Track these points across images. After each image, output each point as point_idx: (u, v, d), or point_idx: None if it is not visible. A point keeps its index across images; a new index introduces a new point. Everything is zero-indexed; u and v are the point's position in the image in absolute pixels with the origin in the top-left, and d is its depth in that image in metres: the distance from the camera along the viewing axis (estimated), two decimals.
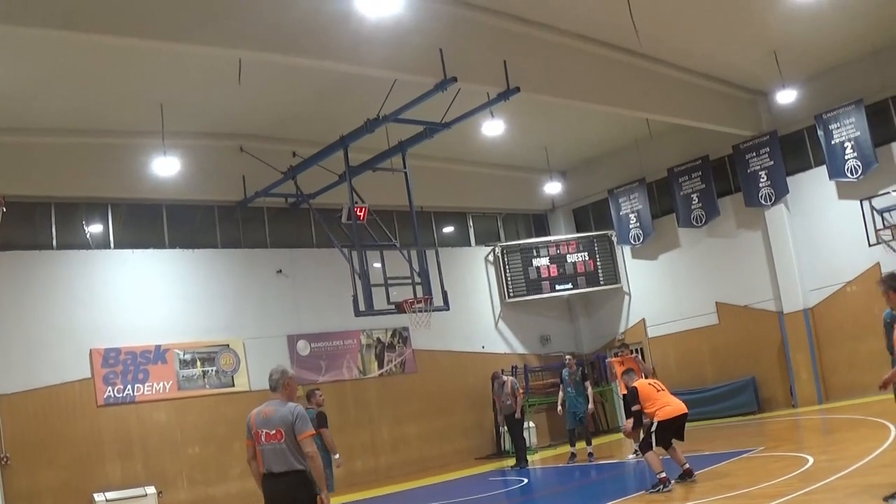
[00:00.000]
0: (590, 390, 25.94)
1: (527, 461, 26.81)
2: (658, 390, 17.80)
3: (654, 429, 17.28)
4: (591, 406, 25.86)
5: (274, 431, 10.02)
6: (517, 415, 26.72)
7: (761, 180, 29.97)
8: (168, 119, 23.52)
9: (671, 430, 17.41)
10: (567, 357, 26.99)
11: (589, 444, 25.51)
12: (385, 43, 19.61)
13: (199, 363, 26.27)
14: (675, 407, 17.56)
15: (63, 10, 15.72)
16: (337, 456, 18.14)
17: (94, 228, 25.91)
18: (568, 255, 34.61)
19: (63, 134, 24.32)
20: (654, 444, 17.21)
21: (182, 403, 25.74)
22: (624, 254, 35.20)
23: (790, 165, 29.86)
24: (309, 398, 18.72)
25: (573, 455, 25.49)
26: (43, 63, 19.98)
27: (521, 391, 27.30)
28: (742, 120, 29.86)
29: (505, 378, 27.42)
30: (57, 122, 23.74)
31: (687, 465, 17.29)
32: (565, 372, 26.32)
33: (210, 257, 27.51)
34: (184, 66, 21.42)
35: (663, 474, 16.68)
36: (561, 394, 26.33)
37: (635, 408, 17.82)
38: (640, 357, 28.58)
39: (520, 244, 34.96)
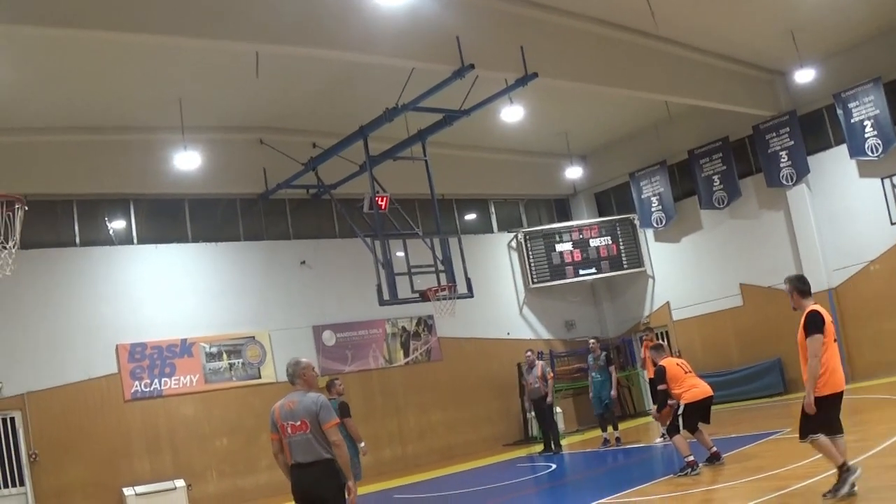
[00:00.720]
0: (613, 375, 25.92)
1: (560, 446, 26.67)
2: (685, 372, 17.78)
3: (680, 412, 17.28)
4: (613, 392, 25.79)
5: (299, 423, 10.09)
6: (549, 399, 26.56)
7: (782, 160, 29.84)
8: (187, 114, 23.59)
9: (698, 412, 17.40)
10: (591, 342, 26.85)
11: (615, 428, 25.50)
12: (400, 32, 19.66)
13: (225, 356, 26.37)
14: (702, 389, 17.54)
15: (76, 9, 15.81)
16: (363, 444, 18.19)
17: (117, 224, 26.02)
18: (591, 240, 34.56)
19: (82, 132, 24.43)
20: (681, 427, 17.22)
21: (209, 396, 25.86)
22: (647, 237, 35.15)
23: (810, 145, 29.71)
24: (329, 388, 18.69)
25: (606, 440, 25.41)
26: (59, 62, 20.08)
27: (551, 375, 26.99)
28: (761, 100, 29.73)
29: (536, 360, 27.22)
30: (76, 119, 23.83)
31: (714, 448, 17.30)
32: (590, 357, 26.31)
33: (233, 250, 27.62)
34: (200, 60, 21.46)
35: (691, 457, 16.68)
36: (589, 380, 26.35)
37: (661, 387, 17.83)
38: (666, 344, 28.56)
39: (542, 230, 34.93)
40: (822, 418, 11.70)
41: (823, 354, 11.62)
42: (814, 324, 11.62)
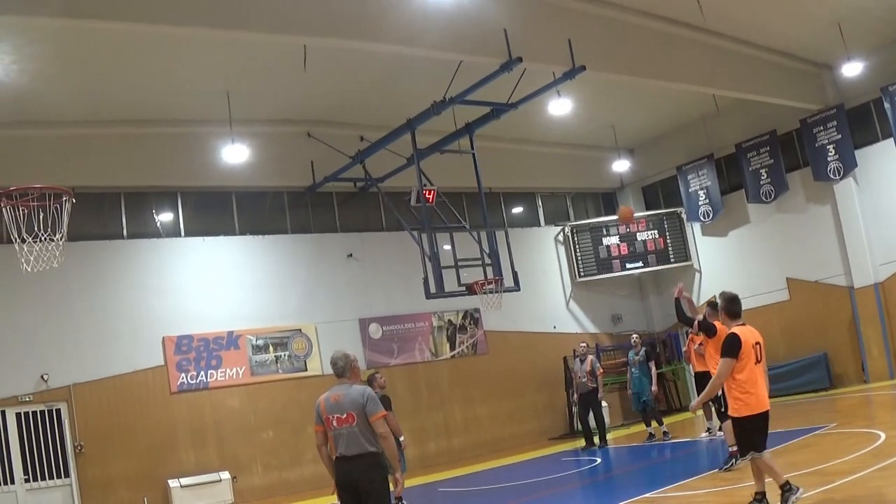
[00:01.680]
0: (653, 371, 25.86)
1: (605, 440, 26.53)
2: None
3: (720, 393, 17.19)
4: (654, 388, 25.72)
5: (345, 415, 10.16)
6: (599, 395, 26.36)
7: (829, 154, 29.60)
8: (235, 107, 23.65)
9: None
10: (633, 337, 26.83)
11: (660, 423, 25.29)
12: (447, 25, 19.66)
13: (271, 348, 26.48)
14: None
15: (126, 3, 15.95)
16: (402, 438, 18.19)
17: (165, 217, 26.21)
18: (638, 234, 34.46)
19: (131, 125, 24.60)
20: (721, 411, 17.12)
21: (255, 389, 25.99)
22: (694, 231, 34.96)
23: (858, 139, 29.46)
24: (370, 383, 18.65)
25: (651, 435, 25.34)
26: (107, 56, 20.19)
27: (601, 371, 26.74)
28: (808, 93, 29.51)
29: (587, 354, 27.12)
30: (124, 112, 23.98)
31: None
32: (631, 353, 26.28)
33: (280, 243, 27.73)
34: (248, 54, 21.56)
35: (735, 447, 16.64)
36: (628, 375, 26.32)
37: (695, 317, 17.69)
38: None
39: (589, 223, 34.93)
40: (746, 440, 11.89)
41: (740, 373, 11.76)
42: (729, 348, 11.73)
